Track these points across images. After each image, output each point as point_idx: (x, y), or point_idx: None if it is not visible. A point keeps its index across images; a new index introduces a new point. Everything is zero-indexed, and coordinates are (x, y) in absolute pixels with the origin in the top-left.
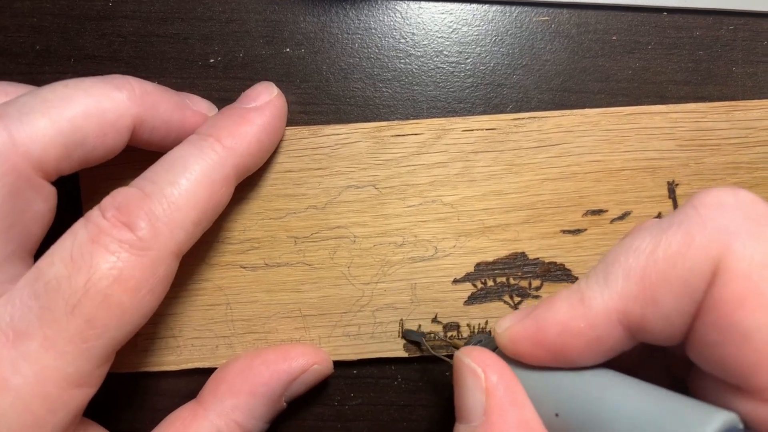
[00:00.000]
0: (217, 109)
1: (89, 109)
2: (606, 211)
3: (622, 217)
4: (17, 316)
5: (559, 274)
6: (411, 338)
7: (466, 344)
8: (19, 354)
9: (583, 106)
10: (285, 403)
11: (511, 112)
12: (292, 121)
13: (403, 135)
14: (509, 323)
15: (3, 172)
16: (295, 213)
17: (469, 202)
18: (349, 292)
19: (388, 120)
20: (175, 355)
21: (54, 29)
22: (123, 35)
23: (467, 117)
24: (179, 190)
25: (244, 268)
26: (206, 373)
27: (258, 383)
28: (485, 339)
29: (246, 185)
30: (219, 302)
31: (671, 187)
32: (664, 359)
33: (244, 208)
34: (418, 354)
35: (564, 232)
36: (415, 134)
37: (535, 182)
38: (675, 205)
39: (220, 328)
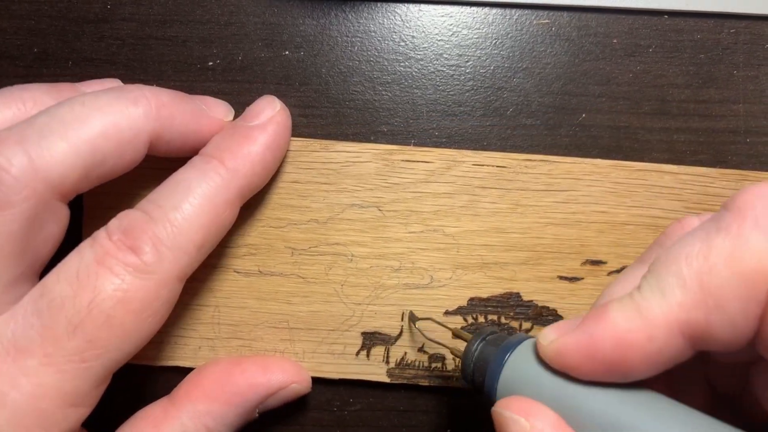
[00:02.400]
0: (233, 111)
1: (107, 129)
2: (605, 262)
3: (619, 271)
4: (19, 332)
5: (550, 319)
6: (412, 319)
7: (473, 338)
8: (19, 370)
9: (584, 110)
10: (257, 414)
11: (511, 115)
12: (291, 124)
13: (414, 161)
14: (555, 335)
15: (24, 198)
16: (296, 224)
17: (470, 236)
18: (339, 310)
19: (388, 123)
20: (155, 351)
21: (52, 32)
22: (121, 38)
23: (479, 151)
24: (183, 215)
25: (238, 272)
26: (183, 372)
27: (234, 393)
28: (494, 337)
29: None
30: (207, 304)
31: None
32: (704, 373)
33: (246, 213)
34: (400, 381)
35: (561, 278)
36: (426, 162)
37: (539, 225)
38: None
39: (206, 329)
